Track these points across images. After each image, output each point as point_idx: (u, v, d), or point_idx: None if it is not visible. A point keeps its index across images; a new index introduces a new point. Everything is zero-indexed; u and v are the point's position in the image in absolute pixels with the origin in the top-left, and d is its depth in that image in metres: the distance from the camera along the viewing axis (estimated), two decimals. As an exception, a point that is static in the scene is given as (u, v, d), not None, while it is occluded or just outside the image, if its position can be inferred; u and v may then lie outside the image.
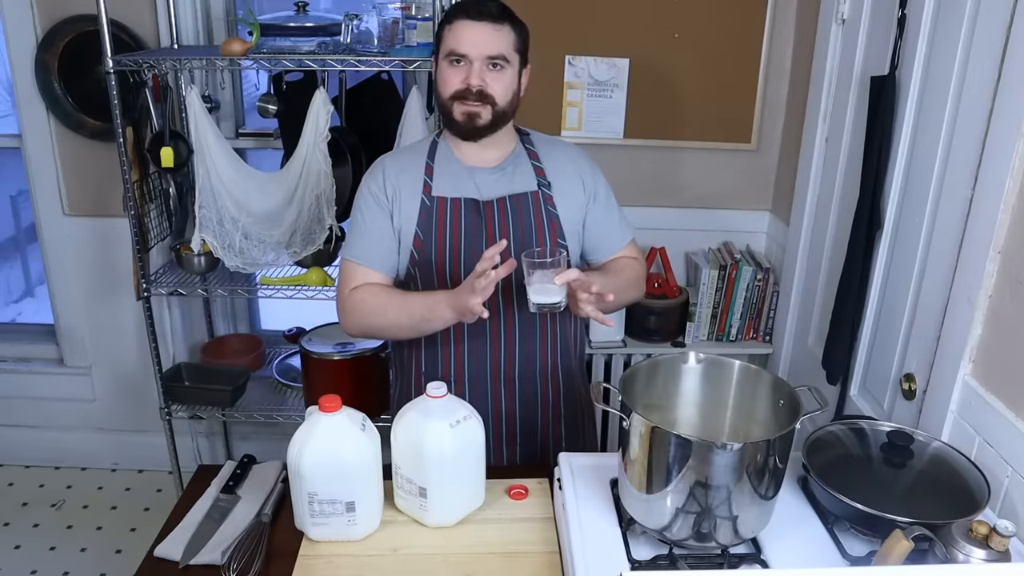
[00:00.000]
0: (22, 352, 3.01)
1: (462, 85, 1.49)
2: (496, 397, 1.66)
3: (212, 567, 1.26)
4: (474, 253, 1.55)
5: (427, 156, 1.61)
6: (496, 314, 1.59)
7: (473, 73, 1.48)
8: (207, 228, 2.18)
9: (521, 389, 1.66)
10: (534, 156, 1.64)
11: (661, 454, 1.15)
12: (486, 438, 1.63)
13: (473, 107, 1.50)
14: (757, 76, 2.56)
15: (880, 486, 1.27)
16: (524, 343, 1.63)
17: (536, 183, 1.61)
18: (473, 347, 1.62)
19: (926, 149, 1.66)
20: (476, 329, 1.60)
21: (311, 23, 2.13)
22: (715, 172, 2.67)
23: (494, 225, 1.57)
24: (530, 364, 1.65)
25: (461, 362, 1.63)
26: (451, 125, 1.55)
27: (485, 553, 1.29)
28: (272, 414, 2.46)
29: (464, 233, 1.57)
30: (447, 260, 1.57)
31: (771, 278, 2.56)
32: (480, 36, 1.48)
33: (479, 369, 1.63)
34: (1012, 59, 1.36)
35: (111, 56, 2.09)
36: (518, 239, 1.57)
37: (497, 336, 1.61)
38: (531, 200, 1.60)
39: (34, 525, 2.76)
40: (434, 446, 1.28)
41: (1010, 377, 1.35)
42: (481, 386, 1.64)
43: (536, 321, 1.62)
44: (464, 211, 1.57)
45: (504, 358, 1.63)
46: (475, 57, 1.48)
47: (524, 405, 1.67)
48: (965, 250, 1.47)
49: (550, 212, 1.61)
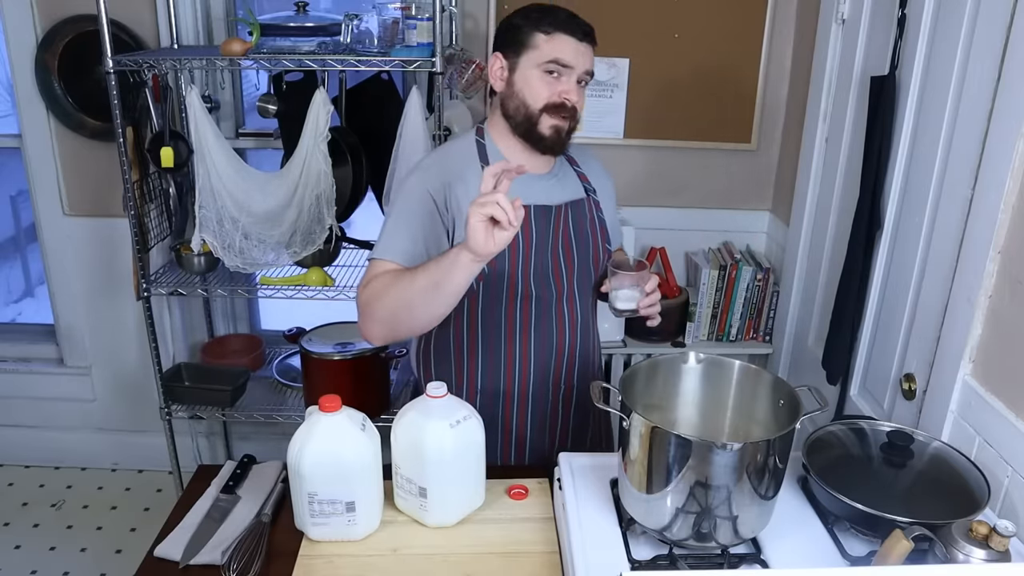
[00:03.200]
0: (22, 352, 3.01)
1: (559, 99, 1.46)
2: (555, 408, 1.65)
3: (212, 567, 1.26)
4: (542, 262, 1.54)
5: (478, 160, 1.53)
6: (561, 323, 1.59)
7: (573, 89, 1.46)
8: (207, 228, 2.18)
9: (577, 400, 1.65)
10: (573, 162, 1.64)
11: (661, 454, 1.15)
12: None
13: (565, 121, 1.48)
14: (757, 76, 2.56)
15: (880, 486, 1.27)
16: (584, 351, 1.63)
17: (584, 190, 1.62)
18: (538, 354, 1.60)
19: (926, 149, 1.66)
20: (543, 337, 1.58)
21: (311, 23, 2.13)
22: (715, 172, 2.67)
23: (560, 231, 1.56)
24: (588, 373, 1.65)
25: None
26: (533, 136, 1.49)
27: (485, 553, 1.29)
28: (272, 414, 2.46)
29: (535, 241, 1.53)
30: (519, 270, 1.52)
31: (771, 278, 2.56)
32: (581, 51, 1.46)
33: (542, 380, 1.61)
34: (1012, 59, 1.36)
35: (111, 56, 2.09)
36: (579, 245, 1.58)
37: (562, 344, 1.60)
38: (586, 206, 1.61)
39: (34, 525, 2.76)
40: (434, 446, 1.28)
41: (1010, 377, 1.35)
42: (543, 397, 1.63)
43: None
44: (535, 218, 1.52)
45: (566, 367, 1.62)
46: (578, 71, 1.46)
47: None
48: (965, 250, 1.47)
49: (600, 218, 1.62)
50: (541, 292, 1.55)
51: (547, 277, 1.55)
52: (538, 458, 1.66)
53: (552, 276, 1.56)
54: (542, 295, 1.55)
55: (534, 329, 1.57)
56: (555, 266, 1.56)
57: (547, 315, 1.58)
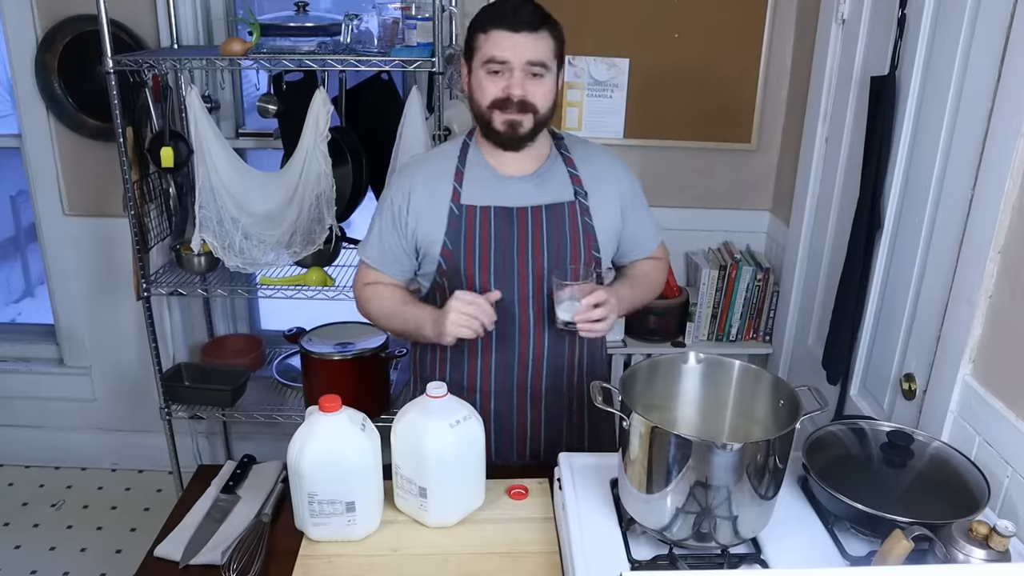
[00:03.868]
0: (22, 352, 3.01)
1: (502, 94, 1.45)
2: (522, 412, 1.64)
3: (212, 567, 1.26)
4: (504, 264, 1.53)
5: (458, 161, 1.56)
6: (525, 329, 1.58)
7: (515, 82, 1.44)
8: (207, 228, 2.18)
9: (547, 405, 1.64)
10: (570, 163, 1.59)
11: (661, 454, 1.15)
12: (507, 451, 1.63)
13: (515, 116, 1.46)
14: (757, 76, 2.56)
15: (880, 486, 1.27)
16: (552, 359, 1.61)
17: (573, 192, 1.57)
18: (500, 360, 1.59)
19: (926, 149, 1.66)
20: (504, 342, 1.58)
21: (311, 23, 2.13)
22: (715, 172, 2.67)
23: (527, 234, 1.53)
24: (558, 380, 1.63)
25: (488, 374, 1.61)
26: (490, 134, 1.50)
27: (485, 553, 1.29)
28: (272, 414, 2.46)
29: (494, 242, 1.53)
30: (476, 270, 1.53)
31: (771, 278, 2.56)
32: (519, 43, 1.43)
33: (505, 383, 1.61)
34: (1012, 59, 1.36)
35: (111, 56, 2.09)
36: (552, 249, 1.54)
37: (526, 351, 1.59)
38: (567, 210, 1.55)
39: (34, 525, 2.76)
40: (434, 446, 1.28)
41: (1010, 377, 1.34)
42: (506, 400, 1.62)
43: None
44: (494, 220, 1.53)
45: (532, 372, 1.61)
46: (516, 65, 1.43)
47: (549, 421, 1.65)
48: (965, 250, 1.47)
49: (586, 223, 1.56)
50: (503, 292, 1.54)
51: (511, 278, 1.54)
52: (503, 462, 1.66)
53: (518, 279, 1.54)
54: (504, 295, 1.54)
55: (496, 332, 1.54)
56: (521, 267, 1.54)
57: (509, 319, 1.55)
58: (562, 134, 1.64)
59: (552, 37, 1.47)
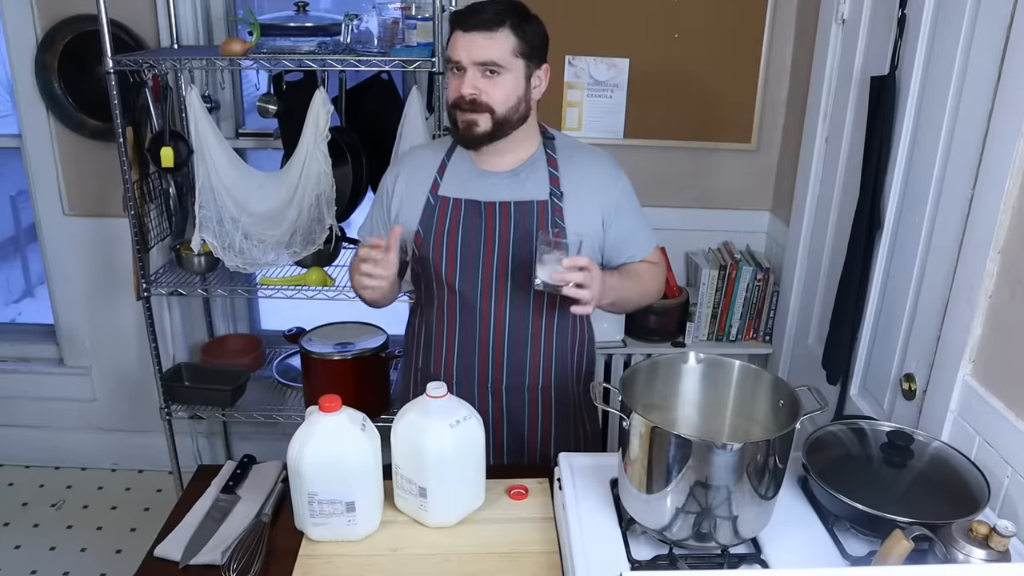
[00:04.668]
0: (22, 352, 3.01)
1: (457, 94, 1.48)
2: (483, 404, 1.64)
3: (212, 567, 1.26)
4: (471, 256, 1.55)
5: (445, 154, 1.61)
6: (486, 321, 1.58)
7: (465, 82, 1.46)
8: (207, 228, 2.18)
9: (508, 400, 1.64)
10: (552, 163, 1.59)
11: (661, 454, 1.15)
12: None
13: (468, 116, 1.48)
14: (757, 76, 2.56)
15: (880, 486, 1.27)
16: (513, 353, 1.61)
17: (548, 192, 1.57)
18: (462, 349, 1.61)
19: (926, 149, 1.66)
20: (466, 332, 1.60)
21: (311, 23, 2.13)
22: (715, 172, 2.67)
23: (495, 229, 1.55)
24: (519, 376, 1.62)
25: (451, 364, 1.63)
26: (454, 133, 1.55)
27: (485, 553, 1.29)
28: (272, 414, 2.46)
29: (462, 234, 1.56)
30: (443, 260, 1.56)
31: (771, 278, 2.56)
32: (472, 43, 1.45)
33: (466, 374, 1.62)
34: (1012, 59, 1.36)
35: (111, 56, 2.09)
36: (516, 246, 1.55)
37: (486, 342, 1.60)
38: (537, 209, 1.55)
39: (34, 525, 2.76)
40: (434, 446, 1.28)
41: (1010, 377, 1.35)
42: (468, 391, 1.63)
43: (529, 332, 1.59)
44: (464, 212, 1.56)
45: (492, 366, 1.61)
46: (467, 64, 1.46)
47: (511, 417, 1.66)
48: (965, 250, 1.47)
49: (556, 224, 1.56)
50: (464, 284, 1.56)
51: (474, 271, 1.56)
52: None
53: (481, 273, 1.56)
54: (464, 287, 1.57)
55: (459, 319, 1.59)
56: (486, 262, 1.56)
57: (470, 308, 1.58)
58: (555, 134, 1.64)
59: (516, 36, 1.46)
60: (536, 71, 1.52)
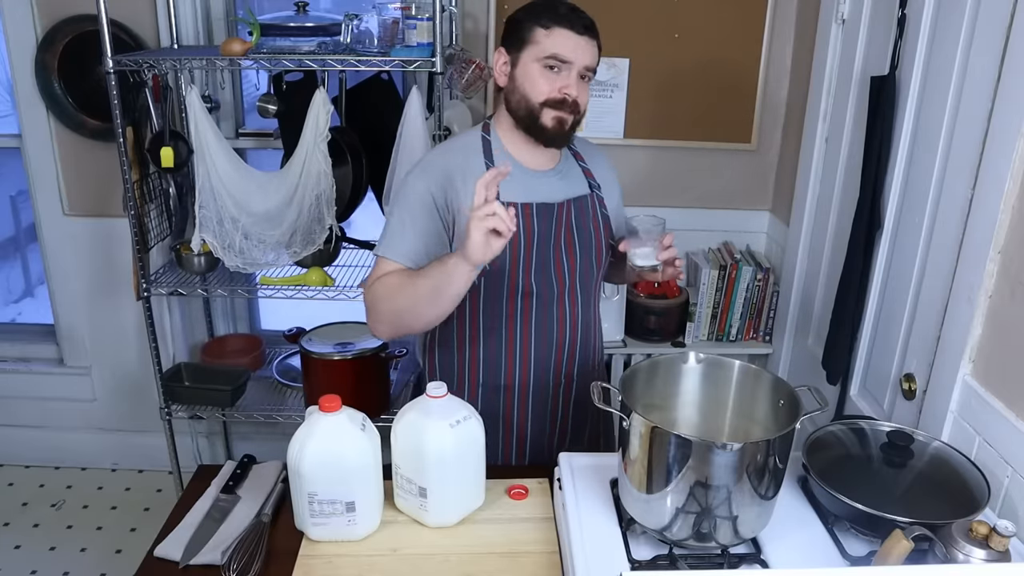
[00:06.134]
0: (22, 352, 3.00)
1: (559, 94, 1.46)
2: (555, 403, 1.65)
3: (212, 567, 1.26)
4: (543, 259, 1.55)
5: (484, 157, 1.54)
6: (562, 322, 1.60)
7: (572, 84, 1.46)
8: (207, 228, 2.18)
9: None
10: (579, 158, 1.64)
11: (661, 454, 1.15)
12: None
13: (563, 114, 1.48)
14: (757, 76, 2.56)
15: (880, 486, 1.27)
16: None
17: (588, 185, 1.61)
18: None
19: (926, 149, 1.66)
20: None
21: (311, 23, 2.13)
22: (715, 172, 2.67)
23: (562, 228, 1.56)
24: (585, 366, 1.64)
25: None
26: (535, 129, 1.49)
27: (485, 553, 1.29)
28: (272, 414, 2.46)
29: (537, 238, 1.53)
30: (520, 268, 1.53)
31: (771, 278, 2.56)
32: (583, 46, 1.46)
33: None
34: (1012, 59, 1.36)
35: (111, 56, 2.09)
36: (583, 242, 1.57)
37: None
38: (589, 203, 1.60)
39: (34, 525, 2.76)
40: (434, 446, 1.28)
41: (1010, 377, 1.35)
42: (543, 395, 1.64)
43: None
44: (536, 216, 1.53)
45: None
46: (577, 67, 1.46)
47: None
48: (965, 250, 1.47)
49: (604, 215, 1.62)
50: (541, 288, 1.56)
51: (549, 274, 1.56)
52: (537, 453, 1.67)
53: (554, 273, 1.57)
54: (542, 291, 1.56)
55: (534, 325, 1.58)
56: (557, 263, 1.56)
57: (547, 311, 1.58)
58: None
59: (598, 46, 1.52)
60: None
